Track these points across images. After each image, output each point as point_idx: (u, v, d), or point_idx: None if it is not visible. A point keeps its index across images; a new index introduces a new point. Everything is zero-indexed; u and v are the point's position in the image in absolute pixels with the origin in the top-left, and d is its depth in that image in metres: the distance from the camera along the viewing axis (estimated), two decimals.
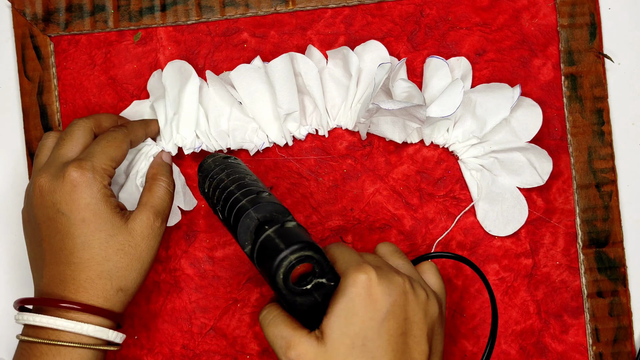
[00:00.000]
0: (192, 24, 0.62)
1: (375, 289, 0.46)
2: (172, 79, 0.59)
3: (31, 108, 0.62)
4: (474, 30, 0.62)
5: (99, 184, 0.52)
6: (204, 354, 0.62)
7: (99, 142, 0.54)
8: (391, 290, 0.47)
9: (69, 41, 0.62)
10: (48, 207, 0.52)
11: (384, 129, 0.59)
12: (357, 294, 0.46)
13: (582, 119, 0.61)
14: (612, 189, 0.61)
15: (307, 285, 0.46)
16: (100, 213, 0.52)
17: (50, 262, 0.52)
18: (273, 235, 0.46)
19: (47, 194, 0.52)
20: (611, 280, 0.61)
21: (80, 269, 0.52)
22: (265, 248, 0.46)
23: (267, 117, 0.60)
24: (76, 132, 0.55)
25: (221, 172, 0.53)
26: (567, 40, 0.61)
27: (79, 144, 0.54)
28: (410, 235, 0.61)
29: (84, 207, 0.51)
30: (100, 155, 0.53)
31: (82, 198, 0.51)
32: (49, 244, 0.52)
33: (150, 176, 0.57)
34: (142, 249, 0.53)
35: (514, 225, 0.60)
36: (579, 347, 0.61)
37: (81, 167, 0.52)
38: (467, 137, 0.59)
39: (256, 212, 0.48)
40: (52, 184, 0.52)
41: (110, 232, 0.52)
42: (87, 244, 0.51)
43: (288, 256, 0.44)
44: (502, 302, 0.61)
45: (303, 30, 0.62)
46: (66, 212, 0.51)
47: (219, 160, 0.54)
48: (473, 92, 0.59)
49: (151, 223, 0.54)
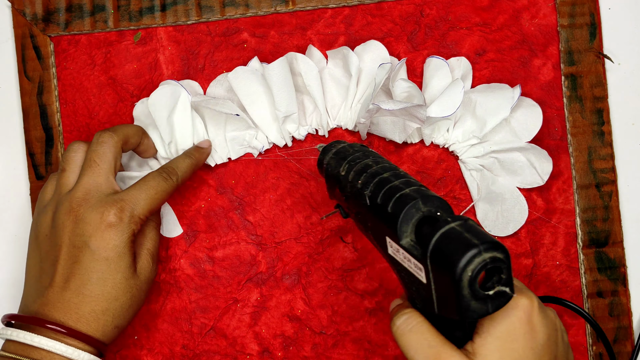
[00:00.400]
0: (192, 24, 0.62)
1: (535, 318, 0.43)
2: (159, 105, 0.59)
3: (31, 108, 0.62)
4: (474, 30, 0.62)
5: (131, 232, 0.53)
6: (204, 354, 0.62)
7: (148, 189, 0.54)
8: (548, 323, 0.44)
9: (69, 41, 0.62)
10: (77, 235, 0.52)
11: (384, 129, 0.59)
12: (519, 318, 0.43)
13: (582, 119, 0.61)
14: (612, 189, 0.61)
15: (490, 290, 0.41)
16: (124, 257, 0.53)
17: (58, 285, 0.52)
18: (460, 229, 0.42)
19: (80, 224, 0.52)
20: (611, 280, 0.61)
21: (87, 301, 0.52)
22: (451, 241, 0.41)
23: (265, 118, 0.60)
24: (108, 156, 0.54)
25: (365, 157, 0.50)
26: (567, 40, 0.61)
27: (112, 170, 0.54)
28: None
29: (111, 247, 0.52)
30: (143, 205, 0.54)
31: (112, 240, 0.52)
32: (64, 268, 0.52)
33: None
34: (144, 292, 0.55)
35: (514, 225, 0.60)
36: (579, 347, 0.61)
37: (121, 213, 0.52)
38: (467, 137, 0.59)
39: (424, 203, 0.44)
40: (88, 215, 0.52)
41: (126, 275, 0.53)
42: (102, 280, 0.52)
43: (481, 253, 0.40)
44: None
45: (303, 30, 0.62)
46: (93, 246, 0.52)
47: (357, 146, 0.52)
48: (473, 92, 0.59)
49: (151, 267, 0.56)
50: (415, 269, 0.44)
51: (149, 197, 0.54)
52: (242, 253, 0.62)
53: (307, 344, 0.61)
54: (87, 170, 0.54)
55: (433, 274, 0.42)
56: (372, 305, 0.61)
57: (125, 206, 0.53)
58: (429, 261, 0.42)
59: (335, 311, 0.61)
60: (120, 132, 0.56)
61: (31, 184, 0.62)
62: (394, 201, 0.45)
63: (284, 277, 0.62)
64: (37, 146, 0.62)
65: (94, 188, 0.53)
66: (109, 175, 0.54)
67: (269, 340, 0.62)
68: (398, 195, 0.45)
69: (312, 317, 0.61)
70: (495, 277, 0.41)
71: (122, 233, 0.52)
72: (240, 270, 0.62)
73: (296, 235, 0.62)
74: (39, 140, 0.62)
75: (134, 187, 0.54)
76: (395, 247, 0.45)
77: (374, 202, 0.47)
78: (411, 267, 0.44)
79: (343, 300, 0.61)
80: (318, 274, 0.61)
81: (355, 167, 0.49)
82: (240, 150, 0.61)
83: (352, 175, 0.49)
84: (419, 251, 0.43)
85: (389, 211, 0.45)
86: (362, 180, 0.48)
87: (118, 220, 0.52)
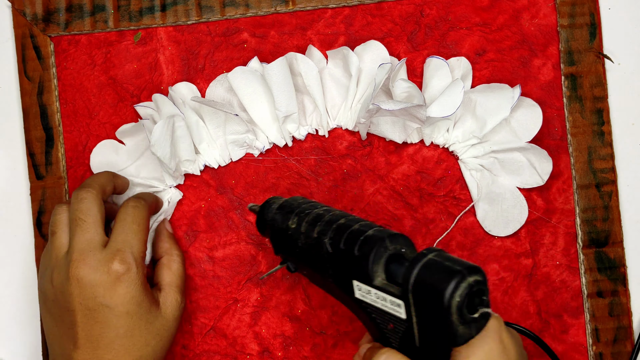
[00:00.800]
0: (192, 24, 0.62)
1: (505, 337, 0.45)
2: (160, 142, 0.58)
3: (31, 108, 0.62)
4: (474, 30, 0.62)
5: (142, 276, 0.53)
6: (204, 354, 0.62)
7: (130, 226, 0.54)
8: (515, 342, 0.46)
9: (69, 41, 0.62)
10: (88, 298, 0.52)
11: (384, 129, 0.59)
12: (493, 340, 0.44)
13: (582, 119, 0.61)
14: (612, 189, 0.61)
15: (475, 313, 0.43)
16: (143, 304, 0.53)
17: (85, 346, 0.52)
18: (439, 259, 0.43)
19: (87, 287, 0.52)
20: (611, 280, 0.61)
21: (121, 354, 0.52)
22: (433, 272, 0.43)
23: (265, 118, 0.60)
24: (93, 210, 0.54)
25: (313, 207, 0.52)
26: (567, 40, 0.61)
27: (100, 223, 0.54)
28: (410, 235, 0.61)
29: (129, 300, 0.52)
30: (137, 243, 0.54)
31: (127, 293, 0.52)
32: (85, 330, 0.52)
33: (165, 250, 0.58)
34: (173, 329, 0.55)
35: (514, 225, 0.60)
36: (579, 347, 0.61)
37: (125, 261, 0.52)
38: (467, 137, 0.59)
39: (391, 242, 0.46)
40: (93, 277, 0.52)
41: (150, 319, 0.53)
42: (129, 333, 0.52)
43: (466, 278, 0.41)
44: (502, 302, 0.61)
45: (303, 31, 0.62)
46: (110, 304, 0.52)
47: (299, 199, 0.54)
48: (473, 92, 0.59)
49: (178, 304, 0.56)
50: (391, 306, 0.45)
51: (136, 233, 0.54)
52: (242, 253, 0.62)
53: (307, 344, 0.61)
54: (76, 229, 0.53)
55: (415, 307, 0.43)
56: None
57: (125, 254, 0.53)
58: (410, 295, 0.43)
59: (335, 311, 0.61)
60: (96, 184, 0.55)
61: (31, 184, 0.62)
62: (360, 244, 0.46)
63: (284, 277, 0.62)
64: (37, 146, 0.62)
65: (87, 246, 0.53)
66: (97, 229, 0.54)
67: (269, 340, 0.62)
68: (363, 237, 0.46)
69: (312, 317, 0.61)
70: (477, 299, 0.43)
71: (134, 282, 0.52)
72: (240, 270, 0.62)
73: None
74: (39, 140, 0.62)
75: (118, 232, 0.54)
76: (365, 289, 0.46)
77: (337, 248, 0.48)
78: (386, 305, 0.45)
79: None
80: None
81: (307, 218, 0.50)
82: (240, 151, 0.61)
83: (304, 227, 0.50)
84: (395, 288, 0.44)
85: (355, 254, 0.46)
86: (318, 229, 0.49)
87: (126, 271, 0.52)
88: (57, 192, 0.62)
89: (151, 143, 0.56)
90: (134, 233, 0.54)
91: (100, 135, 0.62)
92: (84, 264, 0.52)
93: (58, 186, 0.62)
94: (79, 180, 0.62)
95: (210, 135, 0.60)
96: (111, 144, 0.61)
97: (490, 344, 0.44)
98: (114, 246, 0.53)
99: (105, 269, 0.52)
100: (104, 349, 0.52)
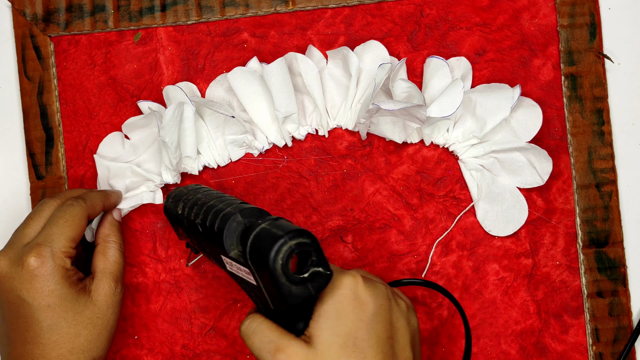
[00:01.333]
0: (192, 24, 0.62)
1: (362, 292, 0.47)
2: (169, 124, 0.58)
3: (31, 108, 0.62)
4: (474, 30, 0.62)
5: (60, 270, 0.52)
6: (204, 353, 0.62)
7: (56, 221, 0.53)
8: (377, 294, 0.47)
9: (69, 41, 0.62)
10: (8, 291, 0.52)
11: (384, 129, 0.59)
12: (345, 296, 0.46)
13: (582, 119, 0.61)
14: (612, 189, 0.61)
15: (304, 273, 0.46)
16: (66, 296, 0.52)
17: (16, 340, 0.52)
18: (268, 227, 0.46)
19: (6, 279, 0.52)
20: (611, 280, 0.61)
21: (50, 348, 0.52)
22: (261, 239, 0.46)
23: (265, 118, 0.60)
24: (44, 211, 0.54)
25: (196, 193, 0.54)
26: (567, 40, 0.61)
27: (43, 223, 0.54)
28: (410, 235, 0.61)
29: (47, 294, 0.51)
30: (58, 238, 0.52)
31: (45, 286, 0.51)
32: (11, 324, 0.52)
33: (102, 237, 0.57)
34: (108, 318, 0.54)
35: (514, 225, 0.60)
36: (579, 347, 0.61)
37: (40, 255, 0.51)
38: (467, 137, 0.59)
39: (243, 216, 0.49)
40: (10, 269, 0.51)
41: (77, 310, 0.52)
42: (54, 326, 0.52)
43: (287, 242, 0.44)
44: (502, 302, 0.61)
45: (303, 31, 0.62)
46: (28, 299, 0.51)
47: (191, 187, 0.56)
48: (473, 92, 0.59)
49: (113, 291, 0.54)
50: (246, 275, 0.48)
51: (62, 228, 0.53)
52: None
53: None
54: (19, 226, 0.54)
55: (258, 274, 0.46)
56: None
57: (42, 248, 0.52)
58: (250, 263, 0.46)
59: None
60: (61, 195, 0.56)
61: (31, 184, 0.62)
62: (219, 220, 0.49)
63: None
64: (37, 146, 0.62)
65: (16, 240, 0.53)
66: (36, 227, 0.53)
67: None
68: (221, 214, 0.49)
69: None
70: (309, 260, 0.46)
71: (52, 276, 0.51)
72: None
73: None
74: (39, 140, 0.62)
75: (44, 228, 0.53)
76: (229, 262, 0.49)
77: (204, 227, 0.51)
78: (243, 274, 0.48)
79: None
80: None
81: (189, 203, 0.53)
82: (240, 151, 0.61)
83: (186, 211, 0.53)
84: (244, 257, 0.47)
85: (215, 230, 0.49)
86: (194, 212, 0.52)
87: (40, 265, 0.51)
88: (57, 192, 0.62)
89: (161, 125, 0.56)
90: (59, 228, 0.53)
91: (100, 135, 0.62)
92: (6, 256, 0.52)
93: (58, 186, 0.62)
94: (79, 180, 0.62)
95: (210, 135, 0.60)
96: (120, 137, 0.61)
97: (342, 301, 0.46)
98: (34, 241, 0.52)
99: (21, 262, 0.51)
100: (31, 344, 0.51)
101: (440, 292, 0.58)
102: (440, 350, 0.61)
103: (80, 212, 0.54)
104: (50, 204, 0.55)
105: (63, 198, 0.56)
